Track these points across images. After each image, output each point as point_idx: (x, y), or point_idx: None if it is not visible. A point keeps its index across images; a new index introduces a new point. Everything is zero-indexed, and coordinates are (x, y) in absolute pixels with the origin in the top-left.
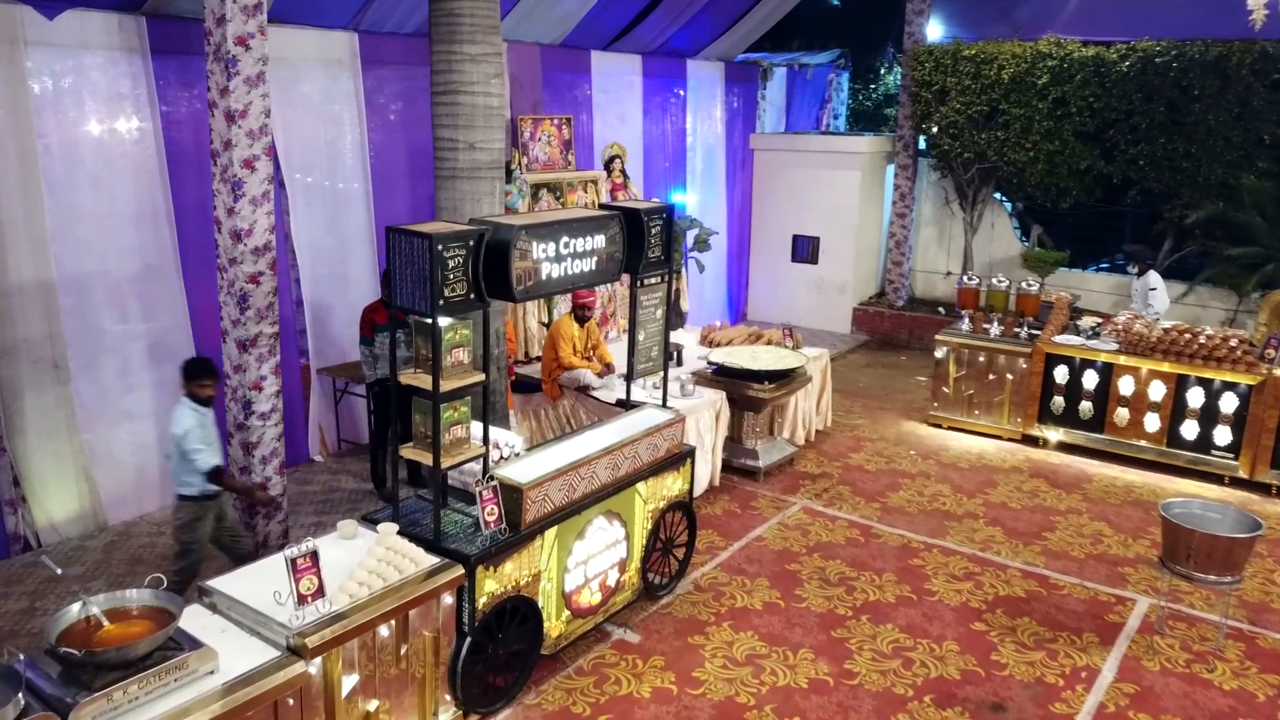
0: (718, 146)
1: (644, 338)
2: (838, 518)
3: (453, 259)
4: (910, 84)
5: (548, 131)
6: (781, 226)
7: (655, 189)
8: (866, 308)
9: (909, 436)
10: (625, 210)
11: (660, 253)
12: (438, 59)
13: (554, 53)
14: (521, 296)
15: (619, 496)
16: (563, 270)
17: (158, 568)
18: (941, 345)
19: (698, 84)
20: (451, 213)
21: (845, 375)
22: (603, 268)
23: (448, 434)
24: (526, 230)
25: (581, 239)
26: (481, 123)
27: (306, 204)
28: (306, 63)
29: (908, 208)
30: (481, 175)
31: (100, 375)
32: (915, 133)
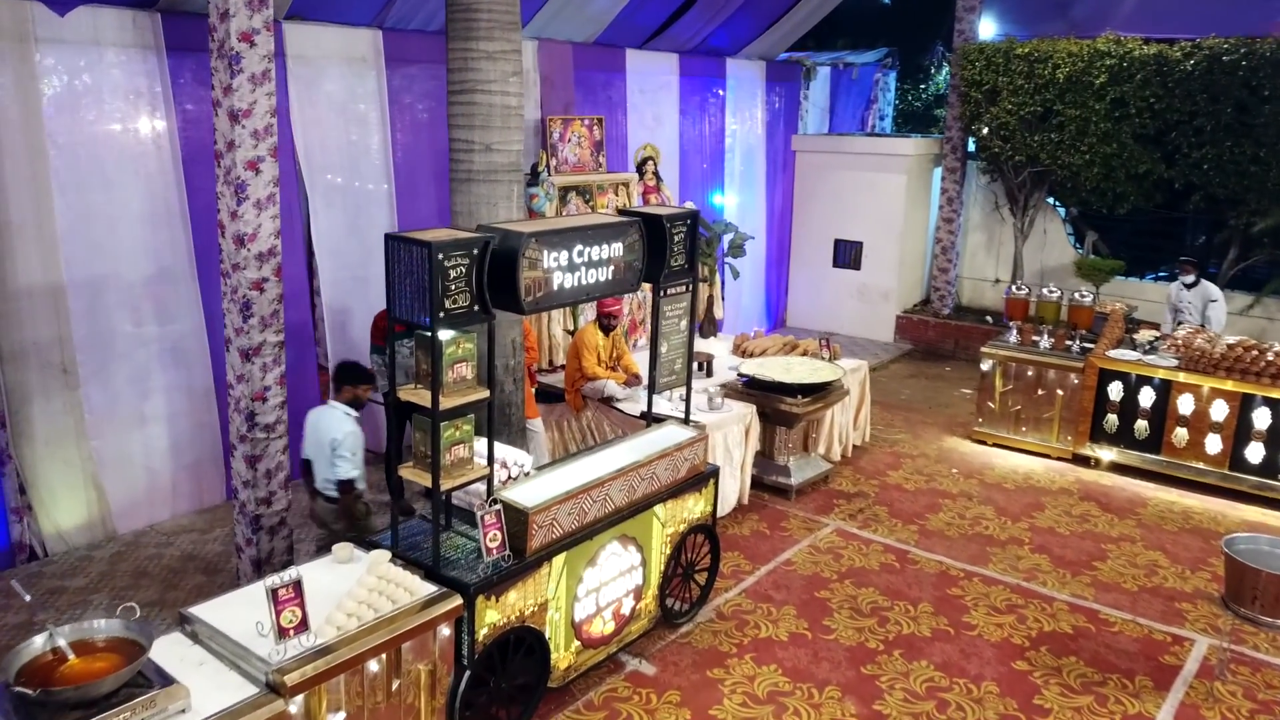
0: (758, 148)
1: (667, 350)
2: (873, 541)
3: (454, 268)
4: (960, 84)
5: (578, 132)
6: (823, 231)
7: (691, 192)
8: (910, 316)
9: (951, 453)
10: (645, 216)
11: (684, 261)
12: (453, 57)
13: (587, 51)
14: (530, 308)
15: (635, 520)
16: (576, 280)
17: (163, 581)
18: (988, 357)
19: (737, 83)
20: (467, 217)
21: (886, 386)
22: (620, 277)
23: (448, 454)
24: (536, 238)
25: (597, 247)
26: (499, 123)
27: (327, 206)
28: (329, 61)
29: (955, 212)
30: (499, 178)
31: (111, 380)
32: (964, 134)
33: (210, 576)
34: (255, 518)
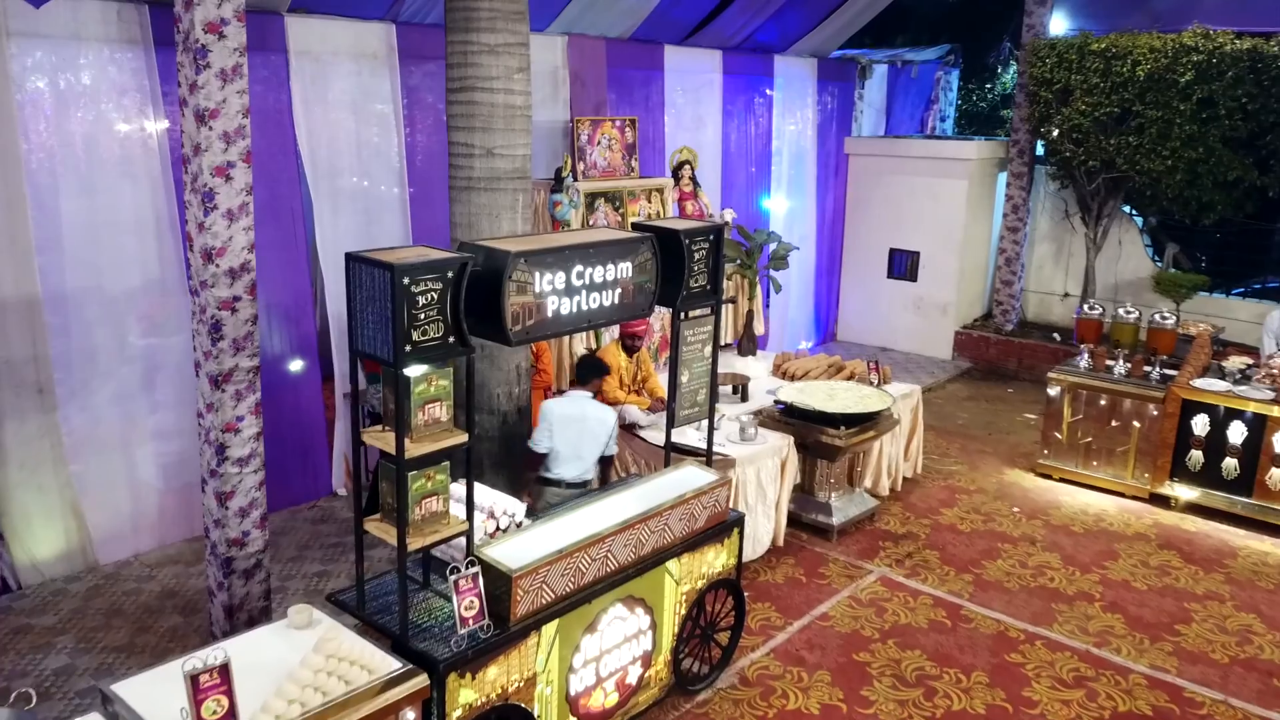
0: (808, 151)
1: (688, 379)
2: (921, 592)
3: (424, 295)
4: (1028, 82)
5: (608, 134)
6: (877, 239)
7: (734, 198)
8: (970, 331)
9: (1012, 488)
10: (660, 231)
11: (706, 281)
12: (452, 51)
13: (622, 47)
14: (519, 338)
15: (643, 579)
16: (575, 306)
17: (136, 622)
18: (1055, 383)
19: (786, 82)
20: (466, 229)
21: (942, 409)
22: (629, 301)
23: (418, 508)
24: (526, 258)
25: (600, 267)
26: (502, 125)
27: (334, 212)
28: (337, 57)
29: (1021, 221)
30: (502, 186)
31: (92, 401)
32: (1032, 137)
33: (188, 618)
34: (227, 560)
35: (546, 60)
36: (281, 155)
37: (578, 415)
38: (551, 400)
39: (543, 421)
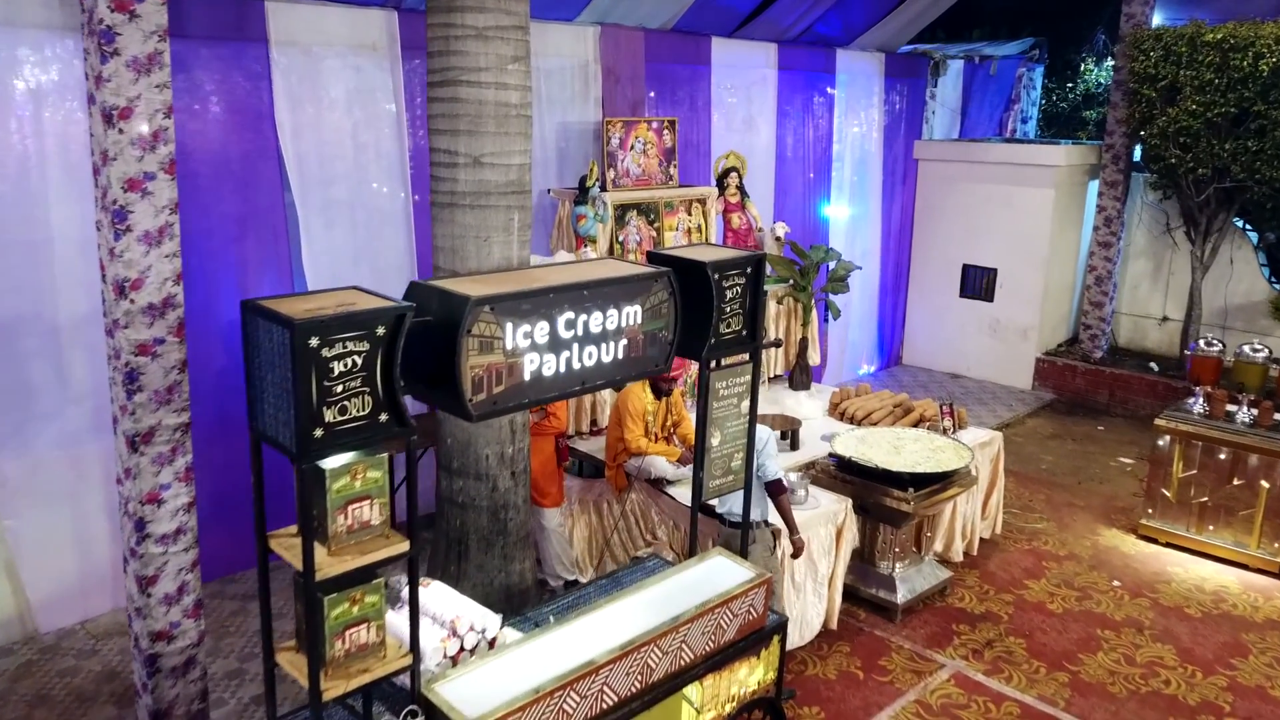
0: (872, 156)
1: (719, 442)
2: (1005, 696)
3: (342, 360)
4: (1127, 79)
5: (643, 138)
6: (949, 254)
7: (789, 208)
8: (1054, 359)
9: (1110, 555)
10: (681, 263)
11: (742, 325)
12: (432, 36)
13: (663, 39)
14: (483, 411)
15: (653, 711)
16: (563, 364)
17: (63, 714)
18: (1164, 432)
19: (850, 79)
20: (449, 255)
21: (1022, 450)
22: (638, 355)
23: (340, 640)
24: (494, 304)
25: (598, 312)
26: (492, 127)
27: (325, 226)
28: (329, 49)
29: (1114, 235)
30: (491, 203)
31: (30, 447)
32: (1130, 141)
33: (122, 710)
34: (151, 658)
35: (575, 53)
36: (261, 161)
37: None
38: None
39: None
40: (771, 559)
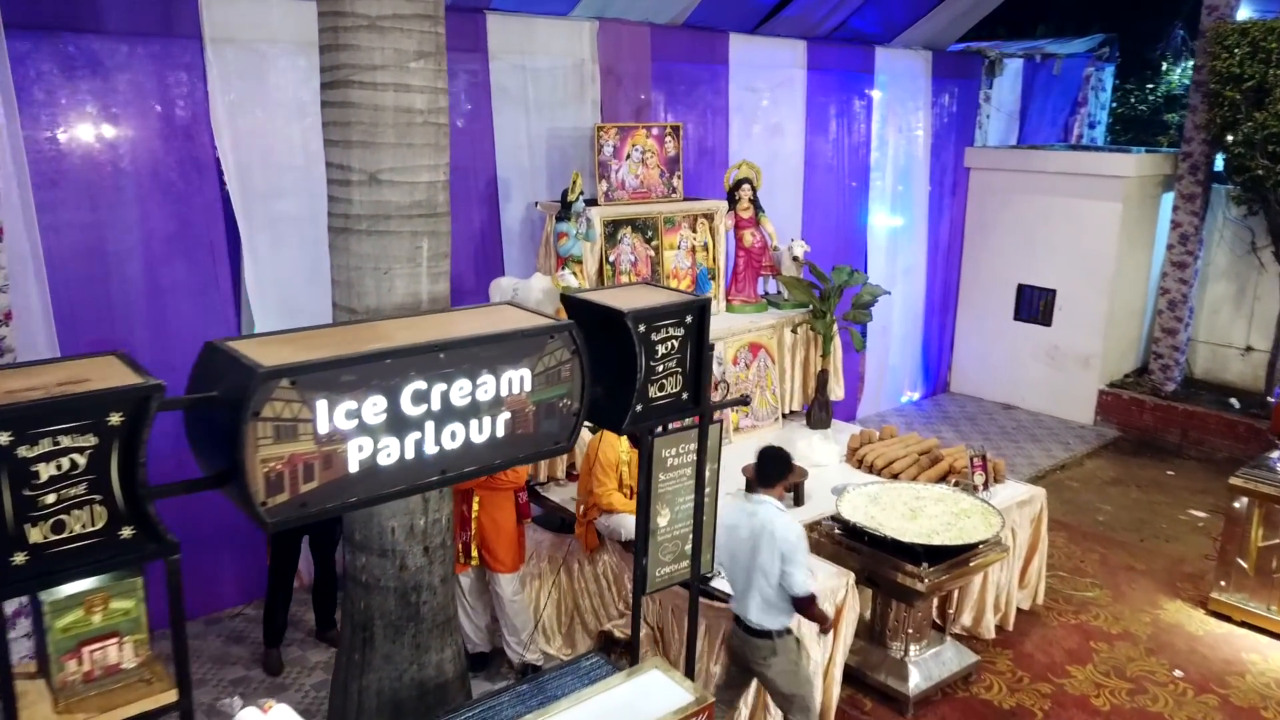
0: (917, 163)
1: (669, 521)
2: None
3: (52, 463)
4: (1208, 79)
5: (641, 145)
6: (1003, 272)
7: (819, 221)
8: (1119, 391)
9: (1173, 635)
10: (598, 311)
11: (681, 388)
12: (322, 27)
13: (672, 36)
14: (284, 516)
15: None
16: (410, 450)
17: None
18: (1241, 492)
19: (891, 80)
20: (345, 291)
21: (1077, 497)
22: (528, 431)
23: None
24: (297, 374)
25: (464, 380)
26: (391, 138)
27: (273, 244)
28: (274, 44)
29: (1191, 254)
30: (393, 228)
31: None
32: (1210, 148)
33: None
34: None
35: (569, 52)
36: (195, 173)
37: (739, 526)
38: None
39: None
40: (797, 674)
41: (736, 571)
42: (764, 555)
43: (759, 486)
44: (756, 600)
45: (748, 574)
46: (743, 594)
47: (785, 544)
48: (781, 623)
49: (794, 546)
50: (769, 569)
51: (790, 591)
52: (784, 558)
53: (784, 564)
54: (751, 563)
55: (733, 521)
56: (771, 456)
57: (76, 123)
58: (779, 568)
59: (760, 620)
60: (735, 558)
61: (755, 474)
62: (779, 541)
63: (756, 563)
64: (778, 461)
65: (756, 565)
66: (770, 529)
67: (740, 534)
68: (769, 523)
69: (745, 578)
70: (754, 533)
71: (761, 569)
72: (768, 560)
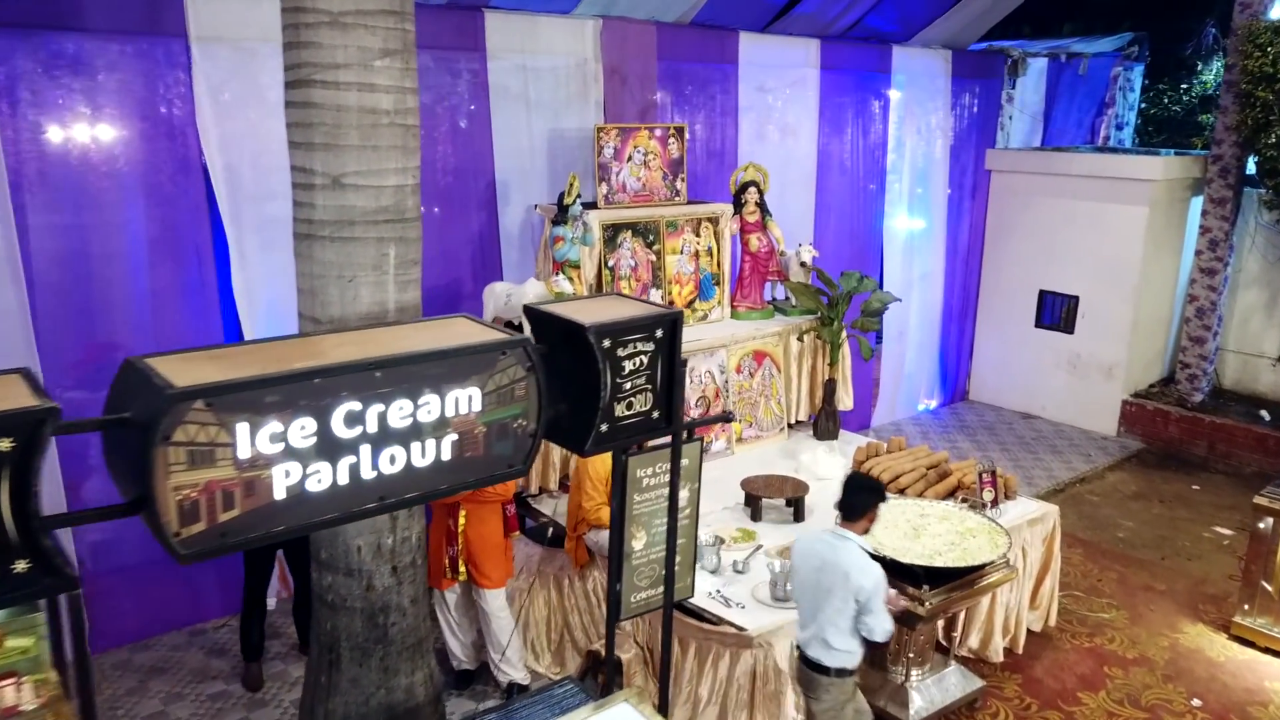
0: (936, 166)
1: (644, 545)
2: None
3: None
4: (1240, 79)
5: (643, 147)
6: (1024, 278)
7: (832, 225)
8: (1144, 402)
9: (1193, 659)
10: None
11: (652, 405)
12: (284, 23)
13: (679, 34)
14: (203, 549)
15: None
16: (348, 475)
17: None
18: (1266, 513)
19: (909, 79)
20: (309, 299)
21: (1097, 511)
22: (478, 454)
23: None
24: (212, 395)
25: (405, 400)
26: (356, 140)
27: (262, 248)
28: (265, 44)
29: (1220, 260)
30: (357, 235)
31: None
32: (1242, 151)
33: None
34: None
35: (571, 50)
36: (181, 174)
37: (815, 561)
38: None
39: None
40: (841, 714)
41: (804, 602)
42: (837, 598)
43: (842, 519)
44: (818, 636)
45: (815, 608)
46: (806, 624)
47: (861, 592)
48: (840, 662)
49: (870, 594)
50: (841, 610)
51: (870, 638)
52: (861, 606)
53: (862, 612)
54: (822, 600)
55: (810, 551)
56: (856, 486)
57: (58, 123)
58: (851, 611)
59: (819, 656)
60: (804, 588)
61: (839, 505)
62: (854, 589)
63: (827, 602)
64: (863, 491)
65: (827, 604)
66: (846, 572)
67: (814, 565)
68: (846, 565)
69: (811, 611)
70: (830, 570)
71: (833, 608)
72: (841, 602)
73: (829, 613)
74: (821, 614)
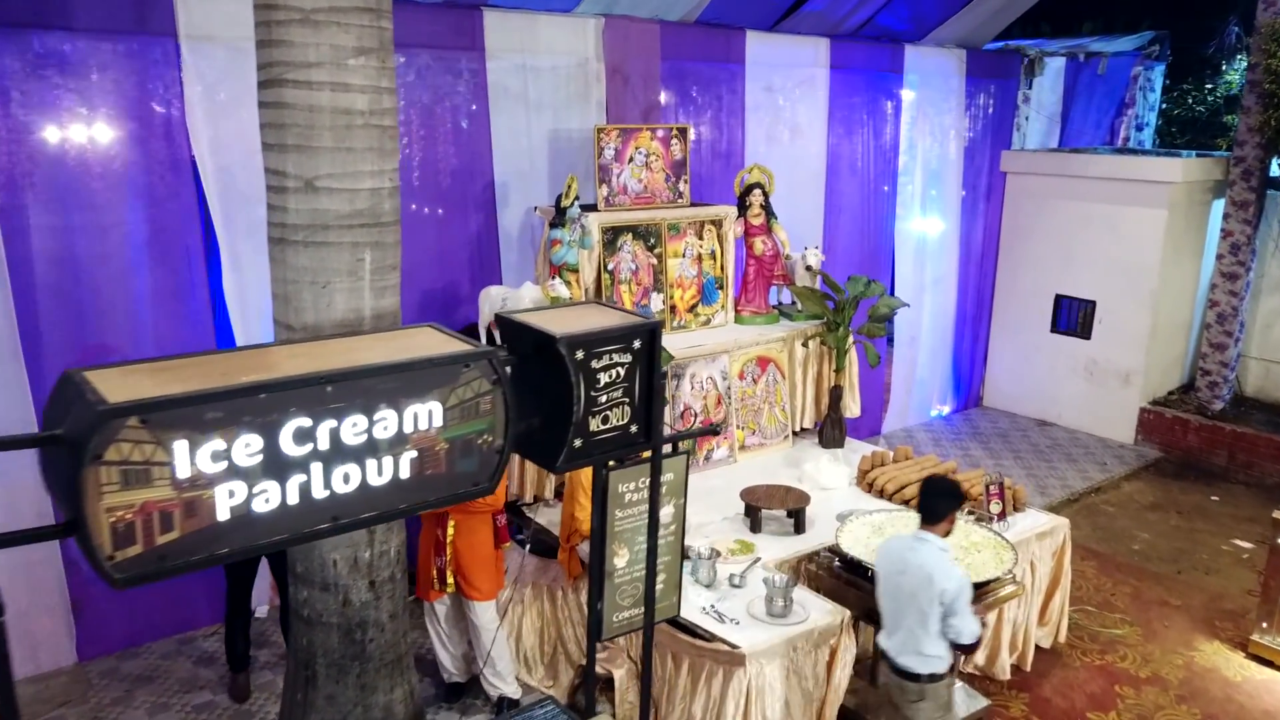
0: (950, 167)
1: (627, 563)
2: None
3: None
4: (1263, 78)
5: (645, 148)
6: (1040, 282)
7: (842, 228)
8: (1162, 410)
9: (1208, 679)
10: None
11: (629, 419)
12: (257, 23)
13: (684, 33)
14: (139, 573)
15: None
16: (298, 494)
17: None
18: None
19: (922, 79)
20: (283, 306)
21: (1113, 522)
22: (440, 471)
23: None
24: (146, 411)
25: (359, 416)
26: (329, 141)
27: (255, 251)
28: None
29: (1242, 265)
30: (331, 239)
31: None
32: (1265, 152)
33: None
34: None
35: (573, 50)
36: (171, 176)
37: (898, 564)
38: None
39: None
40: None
41: (887, 607)
42: (921, 600)
43: (922, 523)
44: (905, 641)
45: (899, 613)
46: (891, 631)
47: (945, 595)
48: (931, 668)
49: (955, 597)
50: (925, 614)
51: (957, 642)
52: (947, 609)
53: (948, 615)
54: (906, 604)
55: (892, 555)
56: (935, 489)
57: (46, 123)
58: (937, 615)
59: (908, 663)
60: (887, 593)
61: (919, 508)
62: (937, 592)
63: (911, 605)
64: (943, 495)
65: (911, 608)
66: (929, 574)
67: (896, 569)
68: (928, 567)
69: (896, 616)
70: (912, 573)
71: (917, 612)
72: (925, 605)
73: (914, 617)
74: (906, 619)
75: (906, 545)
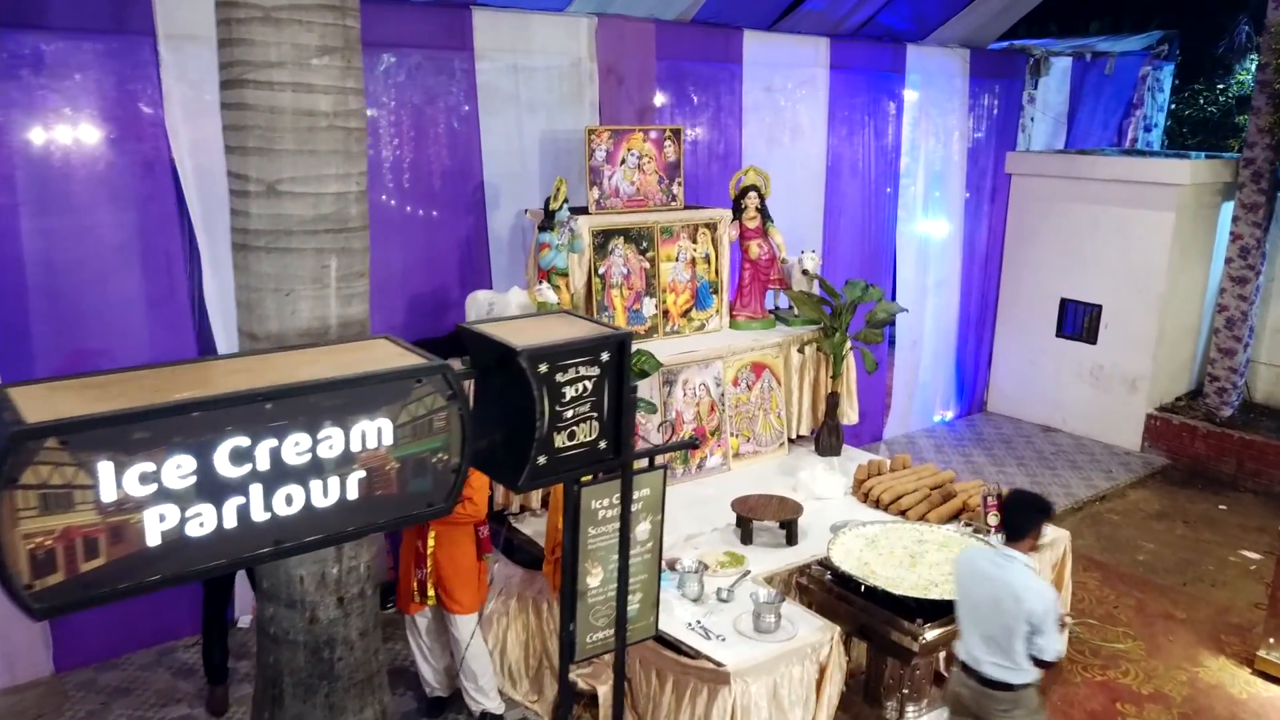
0: (953, 169)
1: (600, 582)
2: None
3: None
4: (1272, 78)
5: (637, 150)
6: (1045, 286)
7: (842, 231)
8: (1170, 416)
9: (1213, 696)
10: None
11: (598, 435)
12: (219, 19)
13: (680, 32)
14: (61, 602)
15: None
16: (236, 517)
17: None
18: None
19: (925, 79)
20: (247, 314)
21: (1117, 531)
22: (391, 491)
23: None
24: (68, 431)
25: (302, 434)
26: (291, 144)
27: None
28: None
29: (1252, 269)
30: (295, 245)
31: None
32: (1276, 154)
33: None
34: None
35: (565, 50)
36: (149, 179)
37: (979, 580)
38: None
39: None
40: None
41: (967, 617)
42: (1008, 618)
43: (1006, 539)
44: (993, 655)
45: (983, 626)
46: (974, 643)
47: (1033, 616)
48: (1023, 677)
49: (1043, 618)
50: (1012, 631)
51: (1040, 658)
52: (1034, 628)
53: (1034, 634)
54: (990, 619)
55: (974, 570)
56: (1019, 504)
57: (19, 124)
58: (1023, 633)
59: (999, 675)
60: (970, 605)
61: (1002, 523)
62: (1025, 613)
63: (997, 622)
64: (1027, 510)
65: (996, 624)
66: (1016, 593)
67: (980, 583)
68: (1017, 587)
69: (978, 629)
70: (997, 590)
71: (1003, 628)
72: (1012, 623)
73: (1001, 632)
74: (991, 633)
75: (992, 562)
